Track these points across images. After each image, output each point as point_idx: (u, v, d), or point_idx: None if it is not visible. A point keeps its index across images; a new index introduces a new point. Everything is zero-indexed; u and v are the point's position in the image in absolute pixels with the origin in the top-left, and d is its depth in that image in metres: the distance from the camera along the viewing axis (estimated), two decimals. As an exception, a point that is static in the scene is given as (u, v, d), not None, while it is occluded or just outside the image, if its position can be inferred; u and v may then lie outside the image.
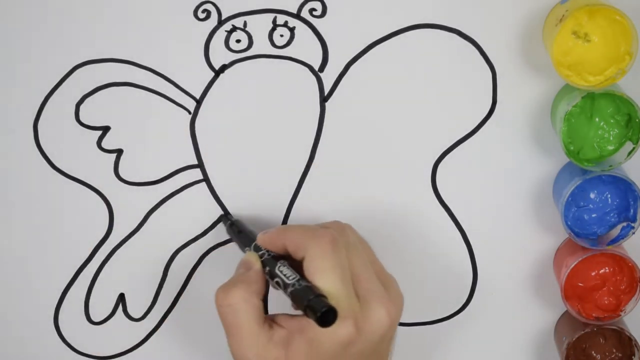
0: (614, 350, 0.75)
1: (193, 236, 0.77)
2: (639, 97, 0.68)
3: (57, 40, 0.72)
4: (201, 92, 0.74)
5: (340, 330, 0.62)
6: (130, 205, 0.76)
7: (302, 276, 0.64)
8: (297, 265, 0.66)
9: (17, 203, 0.76)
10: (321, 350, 0.62)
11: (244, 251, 0.71)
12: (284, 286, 0.64)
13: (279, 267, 0.66)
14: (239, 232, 0.73)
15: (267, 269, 0.67)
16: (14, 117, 0.74)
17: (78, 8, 0.72)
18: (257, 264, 0.67)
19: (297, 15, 0.72)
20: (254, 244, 0.69)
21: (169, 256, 0.77)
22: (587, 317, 0.73)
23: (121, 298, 0.78)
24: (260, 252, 0.68)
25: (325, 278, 0.62)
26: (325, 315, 0.60)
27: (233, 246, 0.77)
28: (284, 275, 0.65)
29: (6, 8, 0.72)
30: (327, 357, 0.62)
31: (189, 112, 0.74)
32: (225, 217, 0.76)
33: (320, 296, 0.62)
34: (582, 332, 0.73)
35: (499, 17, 0.71)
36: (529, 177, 0.74)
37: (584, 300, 0.73)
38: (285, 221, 0.76)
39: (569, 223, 0.71)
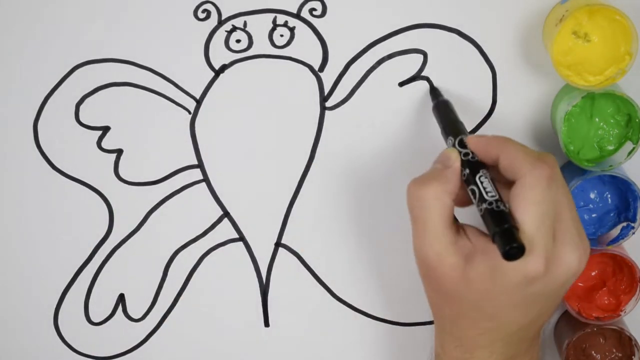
0: (614, 350, 0.75)
1: (193, 236, 0.77)
2: (639, 97, 0.68)
3: (57, 40, 0.72)
4: (201, 92, 0.74)
5: (529, 265, 0.60)
6: (130, 205, 0.76)
7: (500, 196, 0.62)
8: (496, 177, 0.63)
9: (17, 203, 0.76)
10: (503, 279, 0.60)
11: (445, 138, 0.68)
12: (480, 199, 0.62)
13: (481, 176, 0.63)
14: (448, 115, 0.70)
15: (467, 171, 0.64)
16: (14, 117, 0.74)
17: (78, 8, 0.72)
18: (456, 163, 0.64)
19: (297, 15, 0.72)
20: (459, 137, 0.66)
21: (169, 256, 0.77)
22: (587, 317, 0.73)
23: (121, 298, 0.78)
24: (465, 151, 0.65)
25: (530, 212, 0.60)
26: (513, 251, 0.58)
27: (233, 246, 0.77)
28: (484, 188, 0.62)
29: (6, 8, 0.72)
30: (507, 287, 0.61)
31: (189, 112, 0.74)
32: (435, 92, 0.73)
33: (513, 228, 0.59)
34: (582, 332, 0.73)
35: (499, 17, 0.71)
36: (529, 177, 0.74)
37: (584, 300, 0.73)
38: (285, 220, 0.76)
39: (569, 223, 0.71)
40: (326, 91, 0.73)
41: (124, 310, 0.78)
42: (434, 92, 0.73)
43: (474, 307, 0.62)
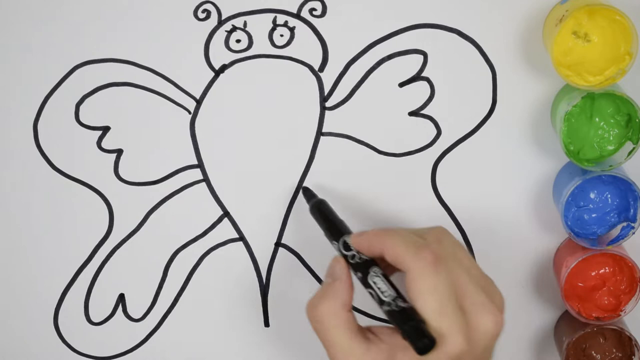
0: (614, 350, 0.75)
1: (193, 236, 0.77)
2: (639, 97, 0.68)
3: (57, 40, 0.72)
4: (201, 92, 0.74)
5: (450, 346, 0.61)
6: (130, 205, 0.76)
7: (397, 290, 0.63)
8: (387, 267, 0.65)
9: (17, 203, 0.76)
10: None
11: (330, 240, 0.69)
12: (379, 301, 0.63)
13: (372, 277, 0.64)
14: (327, 217, 0.71)
15: (359, 274, 0.65)
16: (14, 117, 0.74)
17: (78, 8, 0.72)
18: (343, 274, 0.66)
19: (297, 15, 0.72)
20: (342, 240, 0.67)
21: (169, 256, 0.77)
22: (587, 317, 0.73)
23: (121, 298, 0.78)
24: (350, 253, 0.66)
25: (428, 300, 0.61)
26: (425, 345, 0.60)
27: (233, 246, 0.77)
28: (379, 289, 0.64)
29: (6, 8, 0.72)
30: None
31: (189, 112, 0.74)
32: (308, 192, 0.74)
33: (418, 322, 0.61)
34: (582, 332, 0.73)
35: (499, 17, 0.71)
36: (529, 177, 0.74)
37: (584, 300, 0.73)
38: (285, 221, 0.76)
39: (569, 223, 0.71)
40: (326, 91, 0.73)
41: (124, 310, 0.78)
42: (307, 193, 0.73)
43: None
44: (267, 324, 0.78)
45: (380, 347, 0.63)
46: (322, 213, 0.71)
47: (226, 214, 0.76)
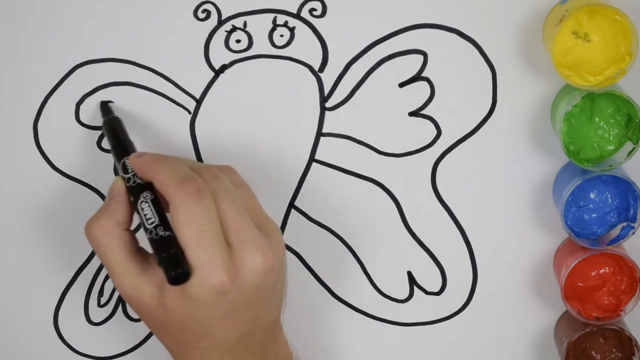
0: (614, 350, 0.75)
1: (193, 236, 0.76)
2: (639, 97, 0.68)
3: (57, 40, 0.72)
4: (201, 92, 0.74)
5: (208, 279, 0.60)
6: (130, 205, 0.76)
7: (164, 219, 0.62)
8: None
9: (17, 203, 0.76)
10: (197, 300, 0.60)
11: (115, 161, 0.67)
12: (144, 228, 0.62)
13: (141, 202, 0.63)
14: (116, 135, 0.69)
15: (131, 198, 0.64)
16: (14, 117, 0.74)
17: (78, 8, 0.72)
18: (120, 193, 0.64)
19: (297, 15, 0.72)
20: (124, 160, 0.66)
21: (169, 256, 0.77)
22: (587, 317, 0.73)
23: (121, 298, 0.78)
24: (128, 176, 0.65)
25: (186, 232, 0.60)
26: (178, 275, 0.59)
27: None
28: (144, 215, 0.62)
29: (6, 8, 0.72)
30: (203, 305, 0.61)
31: (189, 112, 0.74)
32: (105, 108, 0.72)
33: (175, 252, 0.60)
34: (582, 332, 0.73)
35: (499, 17, 0.71)
36: (529, 177, 0.74)
37: (584, 300, 0.73)
38: (285, 221, 0.76)
39: (569, 223, 0.71)
40: (326, 91, 0.73)
41: (124, 310, 0.78)
42: (104, 108, 0.72)
43: (185, 331, 0.62)
44: (267, 324, 0.78)
45: (156, 271, 0.62)
46: (113, 131, 0.70)
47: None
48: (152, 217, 0.62)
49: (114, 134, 0.69)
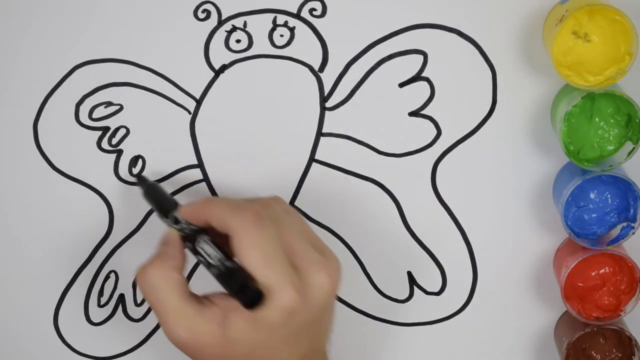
0: (614, 350, 0.75)
1: (193, 236, 0.77)
2: (639, 97, 0.68)
3: (57, 40, 0.72)
4: (201, 92, 0.74)
5: (282, 299, 0.60)
6: (130, 205, 0.76)
7: (227, 253, 0.63)
8: (223, 236, 0.64)
9: (17, 203, 0.76)
10: (267, 324, 0.61)
11: (163, 220, 0.69)
12: (208, 265, 0.63)
13: (200, 244, 0.64)
14: (156, 198, 0.71)
15: (189, 244, 0.65)
16: (14, 117, 0.74)
17: (78, 8, 0.72)
18: (175, 240, 0.66)
19: (297, 15, 0.72)
20: (172, 214, 0.67)
21: (169, 256, 0.77)
22: (587, 317, 0.73)
23: (121, 298, 0.78)
24: (179, 226, 0.66)
25: (253, 255, 0.61)
26: (253, 300, 0.60)
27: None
28: (207, 254, 0.63)
29: (6, 8, 0.72)
30: (272, 329, 0.61)
31: (189, 112, 0.74)
32: (142, 179, 0.74)
33: (245, 280, 0.61)
34: (582, 332, 0.73)
35: (499, 17, 0.71)
36: (529, 177, 0.74)
37: (584, 300, 0.73)
38: (285, 221, 0.76)
39: (569, 223, 0.71)
40: (326, 91, 0.73)
41: (124, 310, 0.78)
42: (140, 179, 0.74)
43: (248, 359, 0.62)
44: (267, 324, 0.78)
45: (213, 310, 0.62)
46: (153, 196, 0.71)
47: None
48: (215, 253, 0.63)
49: (155, 198, 0.71)
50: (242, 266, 0.62)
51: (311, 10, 0.72)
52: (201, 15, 0.72)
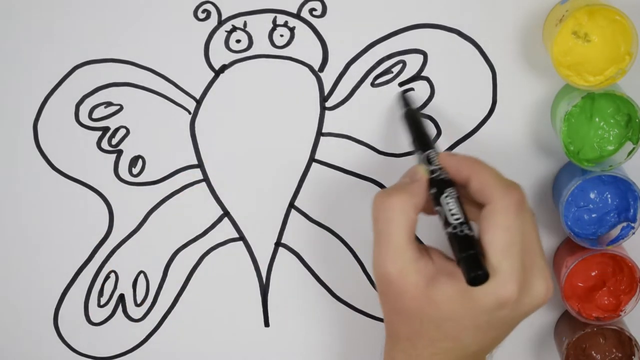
0: (614, 350, 0.75)
1: (193, 236, 0.77)
2: (639, 97, 0.68)
3: (57, 40, 0.72)
4: (201, 92, 0.74)
5: (501, 290, 0.59)
6: (130, 205, 0.76)
7: (467, 218, 0.61)
8: (466, 195, 0.63)
9: (16, 203, 0.76)
10: (474, 303, 0.60)
11: (415, 150, 0.67)
12: (445, 222, 0.61)
13: (447, 196, 0.62)
14: (417, 127, 0.69)
15: (434, 190, 0.63)
16: (14, 117, 0.74)
17: (78, 8, 0.72)
18: (423, 178, 0.64)
19: (297, 15, 0.72)
20: (428, 152, 0.65)
21: (169, 256, 0.77)
22: (587, 317, 0.73)
23: (121, 298, 0.78)
24: (433, 168, 0.64)
25: (499, 237, 0.60)
26: (478, 277, 0.58)
27: (233, 246, 0.77)
28: (450, 210, 0.61)
29: (6, 8, 0.72)
30: (476, 310, 0.60)
31: (189, 112, 0.74)
32: (404, 99, 0.71)
33: (478, 254, 0.59)
34: (582, 332, 0.73)
35: (499, 17, 0.71)
36: (529, 177, 0.74)
37: (584, 300, 0.73)
38: (285, 221, 0.76)
39: (569, 223, 0.71)
40: (326, 91, 0.73)
41: (124, 311, 0.78)
42: (404, 99, 0.72)
43: (434, 328, 0.62)
44: (267, 324, 0.78)
45: (428, 263, 0.62)
46: (414, 121, 0.69)
47: (226, 213, 0.76)
48: (458, 214, 0.61)
49: (416, 126, 0.69)
50: (480, 238, 0.60)
51: (311, 10, 0.72)
52: (201, 15, 0.72)
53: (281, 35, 0.72)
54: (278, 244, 0.77)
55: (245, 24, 0.72)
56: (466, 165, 0.63)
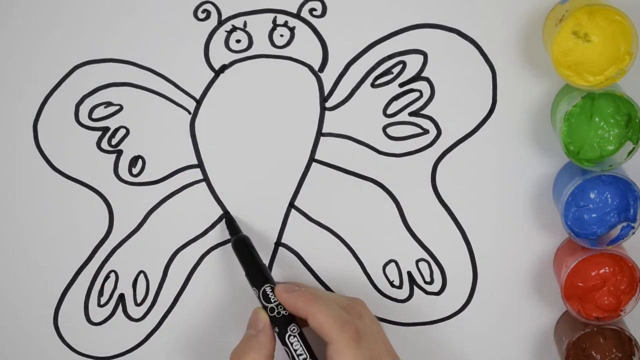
0: (614, 350, 0.75)
1: (193, 236, 0.77)
2: (639, 97, 0.68)
3: (57, 40, 0.72)
4: (201, 92, 0.74)
5: None
6: (130, 205, 0.76)
7: (311, 351, 0.68)
8: (302, 322, 0.69)
9: (16, 203, 0.76)
10: None
11: (251, 284, 0.71)
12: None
13: (289, 335, 0.68)
14: (250, 259, 0.72)
15: (276, 329, 0.69)
16: (14, 117, 0.74)
17: (78, 8, 0.72)
18: (266, 325, 0.69)
19: (297, 15, 0.72)
20: (264, 288, 0.70)
21: (169, 256, 0.77)
22: (587, 317, 0.73)
23: (121, 298, 0.78)
24: (271, 305, 0.70)
25: None
26: None
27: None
28: (294, 350, 0.68)
29: (6, 8, 0.72)
30: None
31: (189, 112, 0.74)
32: (232, 225, 0.75)
33: None
34: (582, 332, 0.73)
35: (499, 17, 0.71)
36: (529, 177, 0.74)
37: (584, 300, 0.73)
38: (285, 221, 0.76)
39: (569, 223, 0.71)
40: (326, 91, 0.73)
41: (124, 310, 0.78)
42: (232, 226, 0.74)
43: None
44: (267, 324, 0.78)
45: None
46: (244, 253, 0.73)
47: (226, 214, 0.76)
48: (303, 353, 0.68)
49: (248, 259, 0.73)
50: None
51: (311, 10, 0.72)
52: (201, 15, 0.72)
53: (281, 35, 0.72)
54: (278, 243, 0.77)
55: (245, 24, 0.72)
56: (301, 304, 0.69)
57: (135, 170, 0.75)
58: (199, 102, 0.74)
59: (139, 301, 0.78)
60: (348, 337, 0.67)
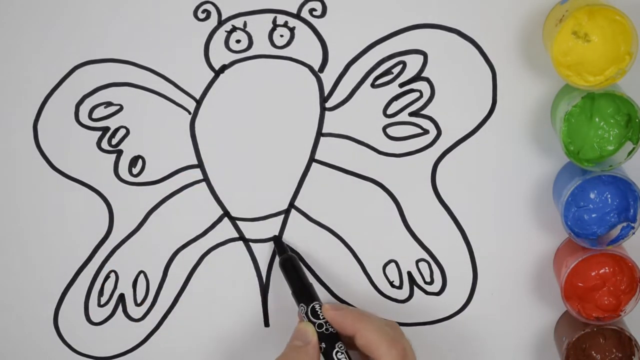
0: (614, 350, 0.75)
1: (193, 236, 0.77)
2: (639, 97, 0.68)
3: (57, 40, 0.72)
4: (201, 92, 0.74)
5: None
6: (130, 205, 0.76)
7: None
8: (350, 343, 0.69)
9: (16, 203, 0.76)
10: None
11: (296, 302, 0.72)
12: None
13: (337, 352, 0.69)
14: (297, 277, 0.73)
15: (323, 345, 0.69)
16: (14, 117, 0.74)
17: (78, 8, 0.72)
18: (314, 339, 0.70)
19: (297, 15, 0.72)
20: (311, 306, 0.71)
21: (169, 256, 0.77)
22: (587, 317, 0.73)
23: (121, 298, 0.78)
24: (319, 322, 0.70)
25: None
26: None
27: (233, 246, 0.77)
28: None
29: (6, 8, 0.72)
30: None
31: (189, 112, 0.74)
32: (280, 245, 0.75)
33: None
34: (582, 332, 0.73)
35: (499, 17, 0.71)
36: (529, 177, 0.74)
37: (584, 300, 0.73)
38: (285, 221, 0.76)
39: (569, 223, 0.71)
40: (326, 92, 0.73)
41: (124, 310, 0.78)
42: (280, 246, 0.75)
43: None
44: (267, 324, 0.78)
45: None
46: (292, 272, 0.74)
47: (226, 213, 0.76)
48: None
49: (296, 277, 0.73)
50: None
51: (311, 10, 0.72)
52: (201, 16, 0.72)
53: (281, 36, 0.72)
54: (278, 244, 0.77)
55: (245, 24, 0.72)
56: (350, 321, 0.70)
57: (135, 170, 0.75)
58: (199, 102, 0.74)
59: (139, 301, 0.78)
60: (396, 354, 0.68)
